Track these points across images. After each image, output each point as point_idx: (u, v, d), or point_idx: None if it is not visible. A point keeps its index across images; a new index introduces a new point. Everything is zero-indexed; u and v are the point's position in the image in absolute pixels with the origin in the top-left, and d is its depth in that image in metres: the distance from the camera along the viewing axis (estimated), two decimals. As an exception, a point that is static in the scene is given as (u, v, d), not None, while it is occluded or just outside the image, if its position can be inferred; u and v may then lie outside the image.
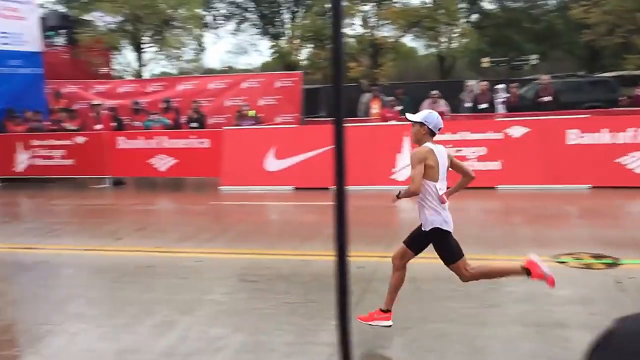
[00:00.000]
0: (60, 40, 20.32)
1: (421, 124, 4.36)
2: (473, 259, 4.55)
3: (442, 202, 4.26)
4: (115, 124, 14.33)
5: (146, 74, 21.59)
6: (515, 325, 4.70)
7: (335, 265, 1.83)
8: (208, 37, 25.62)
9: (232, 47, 32.90)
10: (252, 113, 14.19)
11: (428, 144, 4.32)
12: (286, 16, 26.95)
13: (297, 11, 26.09)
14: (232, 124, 14.00)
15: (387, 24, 21.28)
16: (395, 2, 21.41)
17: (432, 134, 4.37)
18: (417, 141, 4.41)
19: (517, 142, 11.12)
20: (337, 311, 1.78)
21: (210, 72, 24.96)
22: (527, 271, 4.34)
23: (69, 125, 14.39)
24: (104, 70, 20.10)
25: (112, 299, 5.84)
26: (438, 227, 4.25)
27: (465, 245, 4.50)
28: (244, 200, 11.22)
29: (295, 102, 15.61)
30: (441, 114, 13.16)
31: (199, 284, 6.27)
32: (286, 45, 22.57)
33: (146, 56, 21.34)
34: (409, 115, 4.49)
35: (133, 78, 20.26)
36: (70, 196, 12.76)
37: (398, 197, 4.41)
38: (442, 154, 4.32)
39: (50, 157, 13.84)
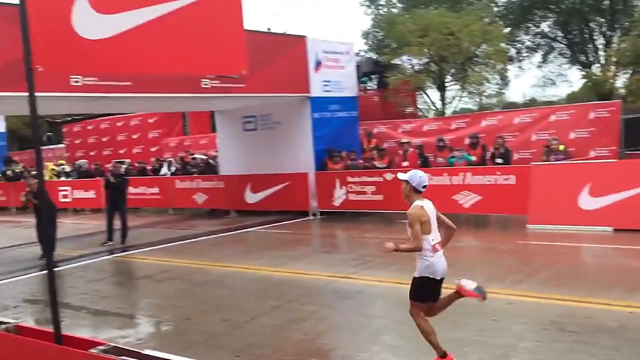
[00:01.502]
0: (371, 84, 22.05)
1: (406, 182, 4.84)
2: None
3: (435, 250, 4.80)
4: (421, 160, 14.81)
5: (449, 111, 21.95)
6: None
7: None
8: (511, 70, 24.99)
9: (536, 79, 31.57)
10: (561, 147, 13.31)
11: (417, 202, 4.79)
12: (599, 42, 24.81)
13: (612, 35, 23.83)
14: (540, 159, 13.31)
15: None
16: None
17: (417, 191, 4.83)
18: (406, 197, 4.89)
19: None
20: None
21: (511, 106, 24.24)
22: (458, 295, 4.94)
23: (378, 163, 15.38)
24: (410, 109, 21.10)
25: (424, 335, 5.89)
26: (427, 276, 4.81)
27: None
28: (555, 240, 10.46)
29: (612, 134, 14.18)
30: None
31: (510, 328, 5.99)
32: (600, 74, 20.70)
33: (449, 94, 21.73)
34: (399, 174, 5.00)
35: (437, 116, 20.77)
36: (380, 230, 13.52)
37: (397, 250, 4.70)
38: (430, 209, 4.83)
39: (362, 193, 14.94)
